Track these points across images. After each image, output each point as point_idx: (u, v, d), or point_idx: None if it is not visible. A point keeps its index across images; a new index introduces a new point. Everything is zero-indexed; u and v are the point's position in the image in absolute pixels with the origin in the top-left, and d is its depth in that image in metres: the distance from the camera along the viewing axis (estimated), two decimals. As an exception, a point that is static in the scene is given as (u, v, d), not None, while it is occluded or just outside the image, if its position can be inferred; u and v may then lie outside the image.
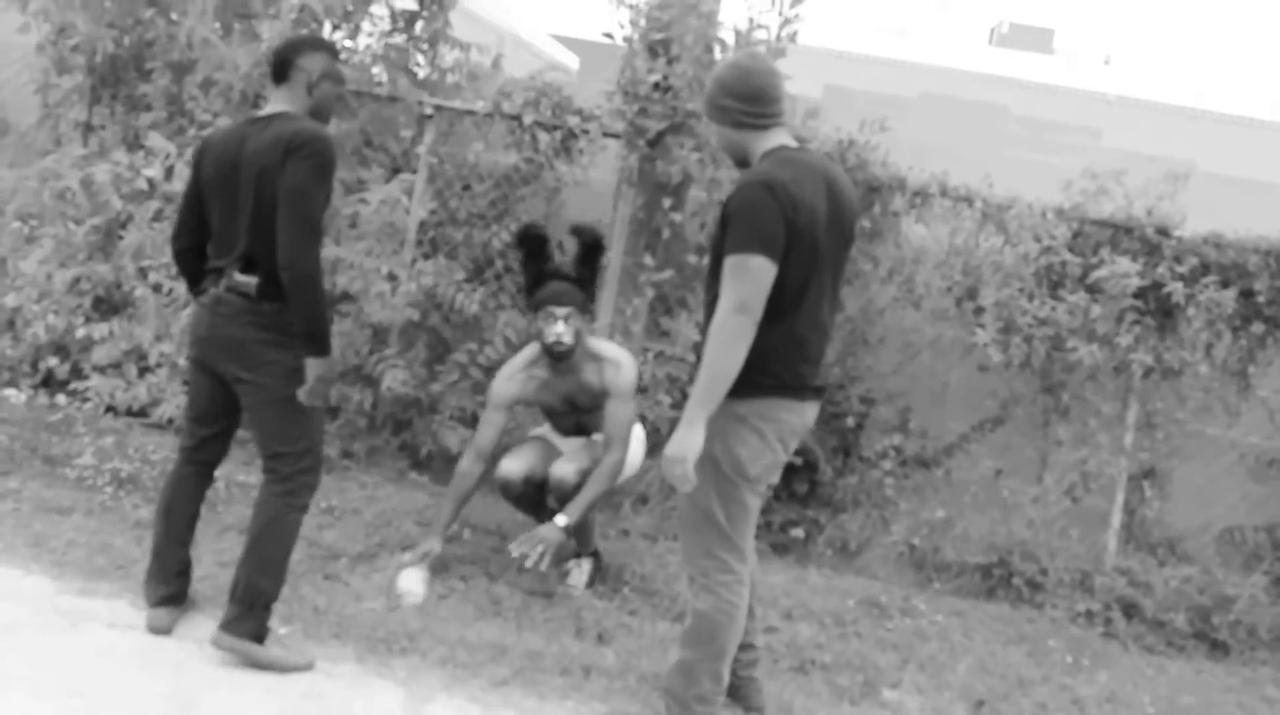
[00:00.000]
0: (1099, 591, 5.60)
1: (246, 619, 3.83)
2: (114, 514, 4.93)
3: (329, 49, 3.96)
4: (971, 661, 4.84)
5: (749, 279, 3.28)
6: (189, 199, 3.99)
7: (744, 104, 3.49)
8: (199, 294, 3.96)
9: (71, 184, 6.31)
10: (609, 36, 6.10)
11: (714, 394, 3.31)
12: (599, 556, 5.05)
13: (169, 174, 6.17)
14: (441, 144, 6.38)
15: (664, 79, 5.89)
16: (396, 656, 4.06)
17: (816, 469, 6.00)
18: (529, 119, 6.19)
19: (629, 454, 4.83)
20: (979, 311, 6.02)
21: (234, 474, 5.39)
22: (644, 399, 5.74)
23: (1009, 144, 13.21)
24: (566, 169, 6.28)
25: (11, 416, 5.70)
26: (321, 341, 3.73)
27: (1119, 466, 6.05)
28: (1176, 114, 20.31)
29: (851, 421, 6.10)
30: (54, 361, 6.05)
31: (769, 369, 3.41)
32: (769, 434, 3.48)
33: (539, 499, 4.91)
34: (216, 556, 4.59)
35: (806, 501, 6.03)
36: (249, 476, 5.41)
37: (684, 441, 3.31)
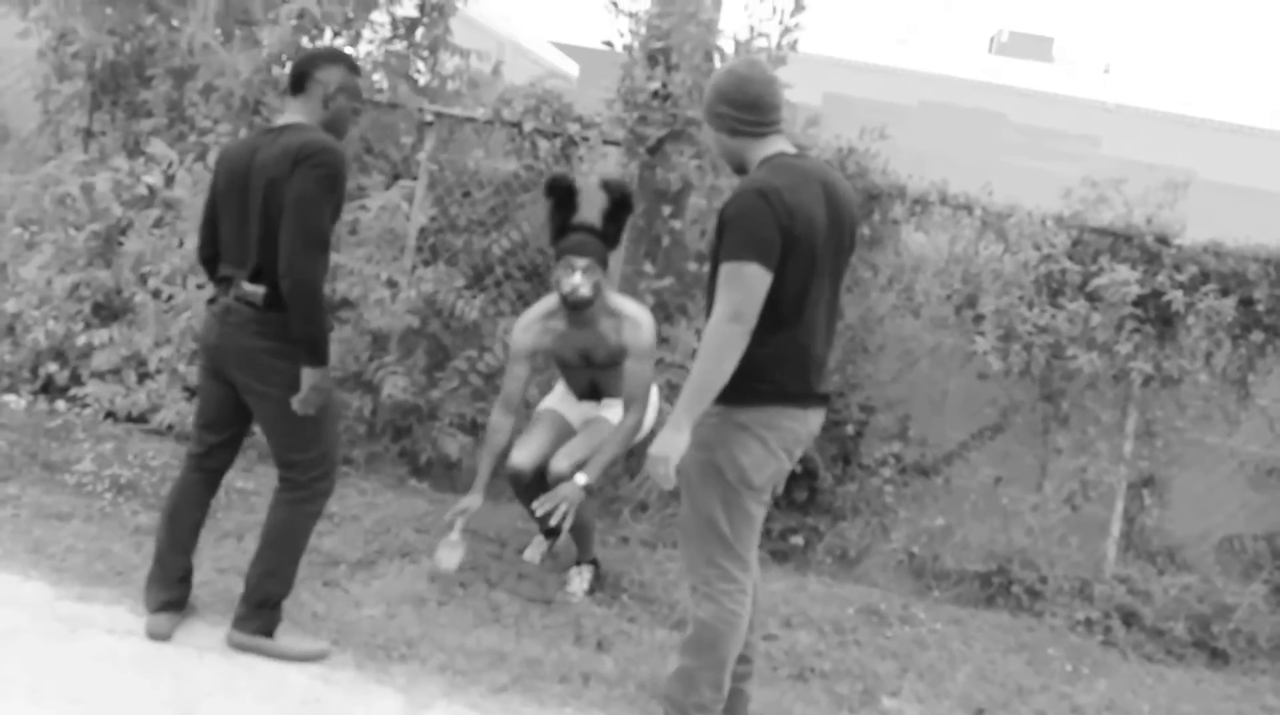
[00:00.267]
0: (1098, 600, 5.59)
1: (256, 617, 3.93)
2: (113, 520, 4.93)
3: (348, 63, 3.95)
4: (971, 670, 4.84)
5: (743, 287, 3.27)
6: (208, 208, 4.02)
7: (740, 111, 3.48)
8: (211, 302, 3.98)
9: (72, 190, 6.32)
10: (609, 44, 6.12)
11: (701, 399, 3.31)
12: (598, 564, 5.05)
13: (169, 181, 6.18)
14: (442, 151, 6.39)
15: (663, 87, 5.91)
16: (396, 663, 4.06)
17: (816, 476, 6.00)
18: (529, 126, 6.20)
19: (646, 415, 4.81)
20: (978, 319, 6.02)
21: (233, 480, 5.39)
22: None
23: (1008, 152, 13.22)
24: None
25: (11, 422, 5.70)
26: (318, 351, 3.74)
27: (1118, 474, 6.05)
28: (1176, 122, 20.32)
29: (851, 429, 6.10)
30: (54, 367, 6.06)
31: (771, 377, 3.41)
32: (772, 442, 3.47)
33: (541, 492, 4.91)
34: (215, 563, 4.59)
35: (806, 509, 6.03)
36: (248, 483, 5.42)
37: (669, 442, 3.32)
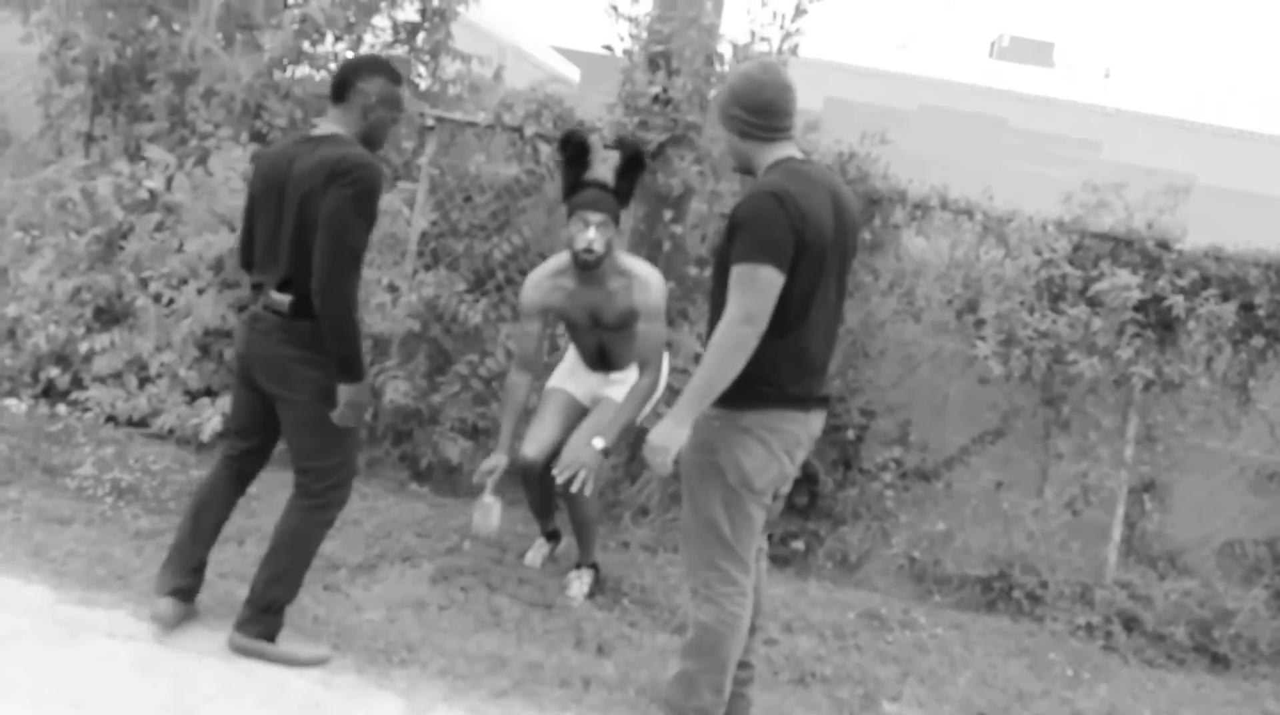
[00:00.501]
0: (1099, 604, 5.59)
1: (259, 621, 3.92)
2: (114, 524, 4.93)
3: (390, 73, 3.93)
4: (972, 674, 4.84)
5: (756, 289, 3.28)
6: (246, 213, 4.03)
7: (752, 115, 3.50)
8: (241, 309, 3.99)
9: (73, 194, 6.32)
10: (609, 49, 6.12)
11: (707, 397, 3.34)
12: (598, 568, 5.05)
13: (169, 185, 6.18)
14: (443, 155, 6.39)
15: (664, 91, 5.91)
16: (396, 667, 4.06)
17: (817, 481, 6.00)
18: (530, 131, 6.20)
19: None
20: (979, 324, 6.02)
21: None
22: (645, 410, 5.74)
23: (1009, 157, 13.24)
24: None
25: (12, 426, 5.69)
26: (354, 367, 3.76)
27: (1119, 479, 6.05)
28: (1176, 127, 20.32)
29: (852, 434, 6.10)
30: (55, 371, 6.05)
31: (773, 380, 3.42)
32: (774, 445, 3.48)
33: (550, 491, 4.95)
34: (216, 567, 4.56)
35: (807, 514, 6.02)
36: (250, 487, 5.39)
37: (669, 433, 3.36)
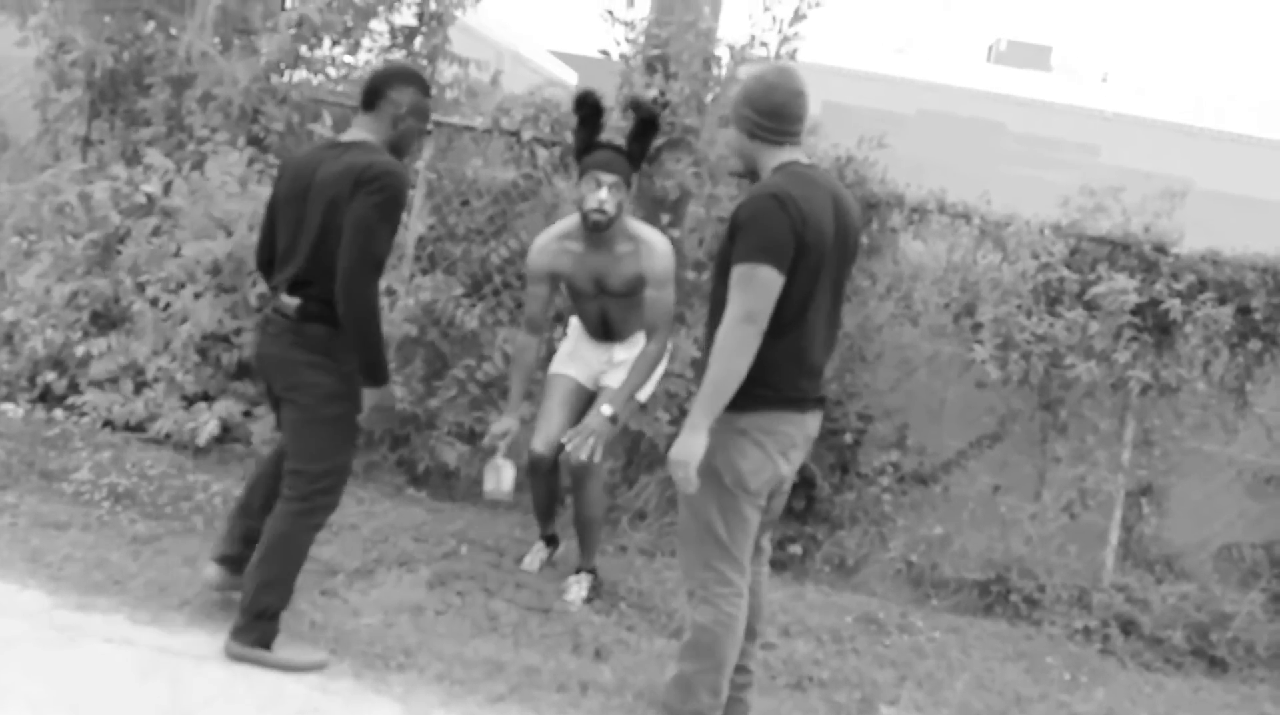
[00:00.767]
0: (1097, 608, 5.60)
1: (253, 628, 3.92)
2: (111, 529, 4.92)
3: (421, 84, 3.97)
4: (969, 678, 4.84)
5: (757, 289, 3.31)
6: (267, 215, 4.07)
7: (761, 117, 3.53)
8: (258, 310, 4.03)
9: (70, 198, 6.31)
10: (605, 53, 6.12)
11: (718, 400, 3.35)
12: (595, 572, 5.04)
13: (167, 189, 6.18)
14: (440, 159, 6.39)
15: (661, 95, 5.90)
16: (394, 672, 4.05)
17: (814, 485, 6.00)
18: (527, 135, 6.20)
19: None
20: (977, 328, 6.02)
21: (231, 489, 5.38)
22: (642, 415, 5.74)
23: (1007, 161, 13.26)
24: (565, 185, 6.28)
25: (8, 431, 5.68)
26: (378, 371, 3.80)
27: (1117, 483, 6.05)
28: (1174, 131, 20.33)
29: (849, 438, 6.10)
30: (51, 376, 6.04)
31: (769, 382, 3.44)
32: (770, 446, 3.50)
33: (557, 487, 5.01)
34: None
35: (804, 518, 6.02)
36: (246, 491, 5.41)
37: (688, 445, 3.35)
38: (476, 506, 5.81)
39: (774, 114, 3.51)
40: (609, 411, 4.50)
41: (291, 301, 3.83)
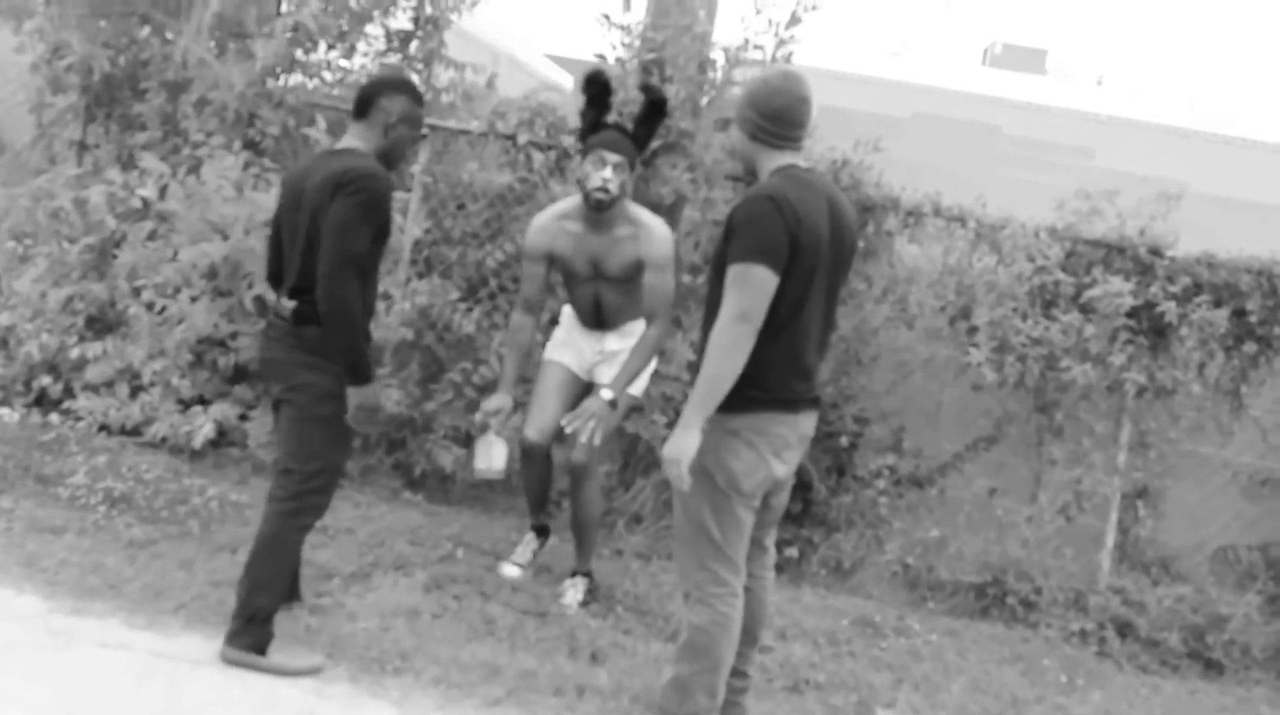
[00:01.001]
0: (1093, 611, 5.60)
1: (245, 632, 3.93)
2: (106, 533, 4.92)
3: (412, 92, 4.04)
4: (966, 681, 4.84)
5: (751, 288, 3.34)
6: (273, 228, 4.14)
7: (764, 120, 3.55)
8: (256, 315, 4.09)
9: (65, 203, 6.32)
10: (601, 58, 6.12)
11: (711, 399, 3.38)
12: (592, 576, 5.04)
13: (163, 193, 6.17)
14: (436, 163, 6.39)
15: (657, 99, 5.90)
16: (390, 676, 4.05)
17: (810, 488, 6.00)
18: (523, 139, 6.21)
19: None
20: (972, 331, 6.02)
21: (227, 493, 5.39)
22: (639, 418, 5.74)
23: (1002, 164, 13.24)
24: (561, 188, 6.26)
25: (4, 435, 5.68)
26: (359, 370, 3.82)
27: (1113, 486, 6.05)
28: (1169, 134, 20.32)
29: (845, 441, 6.10)
30: (47, 380, 6.04)
31: (762, 383, 3.46)
32: (763, 447, 3.52)
33: (550, 476, 5.02)
34: (209, 576, 4.58)
35: (800, 521, 6.02)
36: (242, 496, 5.41)
37: (680, 443, 3.38)
38: (473, 510, 5.82)
39: (776, 118, 3.54)
40: (609, 395, 4.50)
41: (289, 304, 3.90)
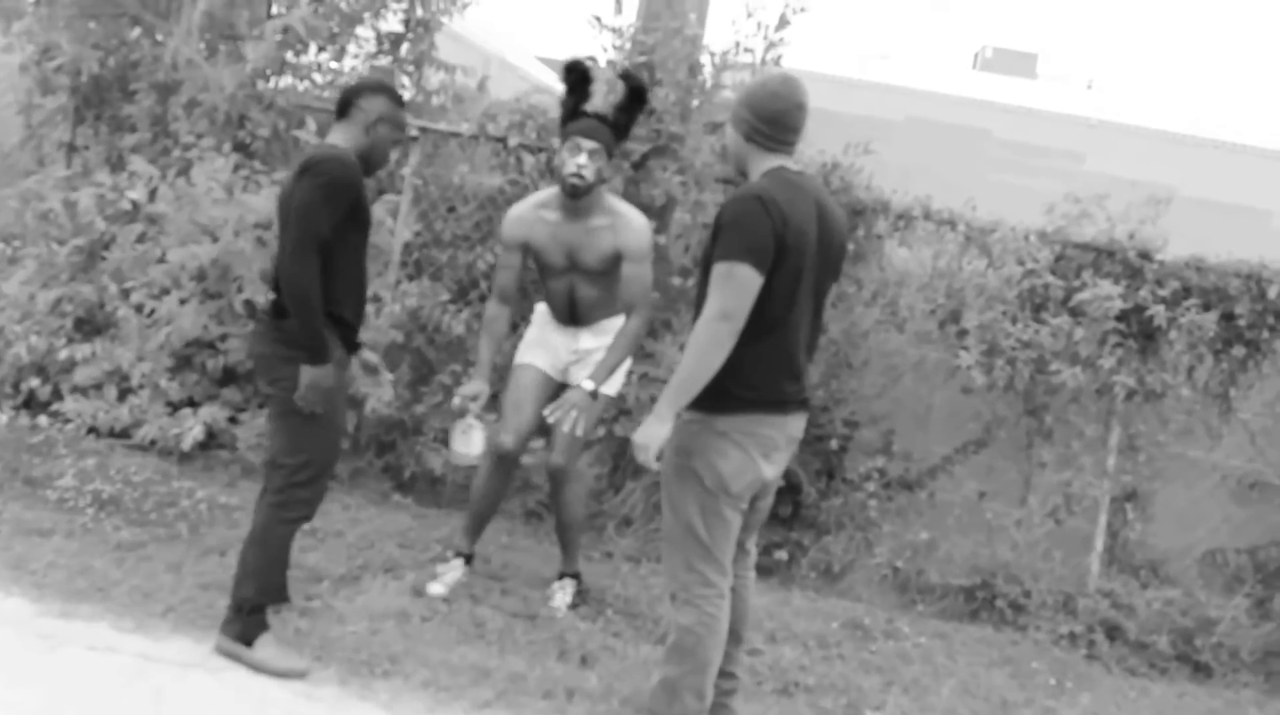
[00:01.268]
0: (1082, 614, 5.60)
1: (234, 621, 3.98)
2: (95, 536, 4.90)
3: (391, 94, 4.11)
4: (955, 684, 4.84)
5: (734, 287, 3.35)
6: (278, 231, 4.18)
7: (759, 122, 3.58)
8: (246, 316, 4.15)
9: (54, 205, 6.30)
10: (592, 60, 6.11)
11: (685, 393, 3.41)
12: (580, 578, 5.04)
13: (152, 195, 6.16)
14: (426, 166, 6.39)
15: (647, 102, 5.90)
16: (379, 679, 4.04)
17: (800, 491, 6.00)
18: (514, 141, 6.21)
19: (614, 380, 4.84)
20: (962, 334, 6.03)
21: (216, 496, 5.38)
22: (627, 421, 5.74)
23: (992, 167, 13.24)
24: (551, 191, 6.28)
25: (-8, 438, 5.67)
26: (315, 349, 3.84)
27: (1102, 489, 6.06)
28: (1159, 138, 20.34)
29: (835, 444, 6.09)
30: (35, 382, 6.01)
31: (751, 384, 3.48)
32: (751, 448, 3.53)
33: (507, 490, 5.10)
34: (198, 578, 4.57)
35: (790, 524, 6.02)
36: (231, 498, 5.40)
37: (651, 431, 3.43)
38: (463, 513, 5.79)
39: (773, 121, 3.57)
40: (590, 386, 4.48)
41: (269, 297, 3.96)
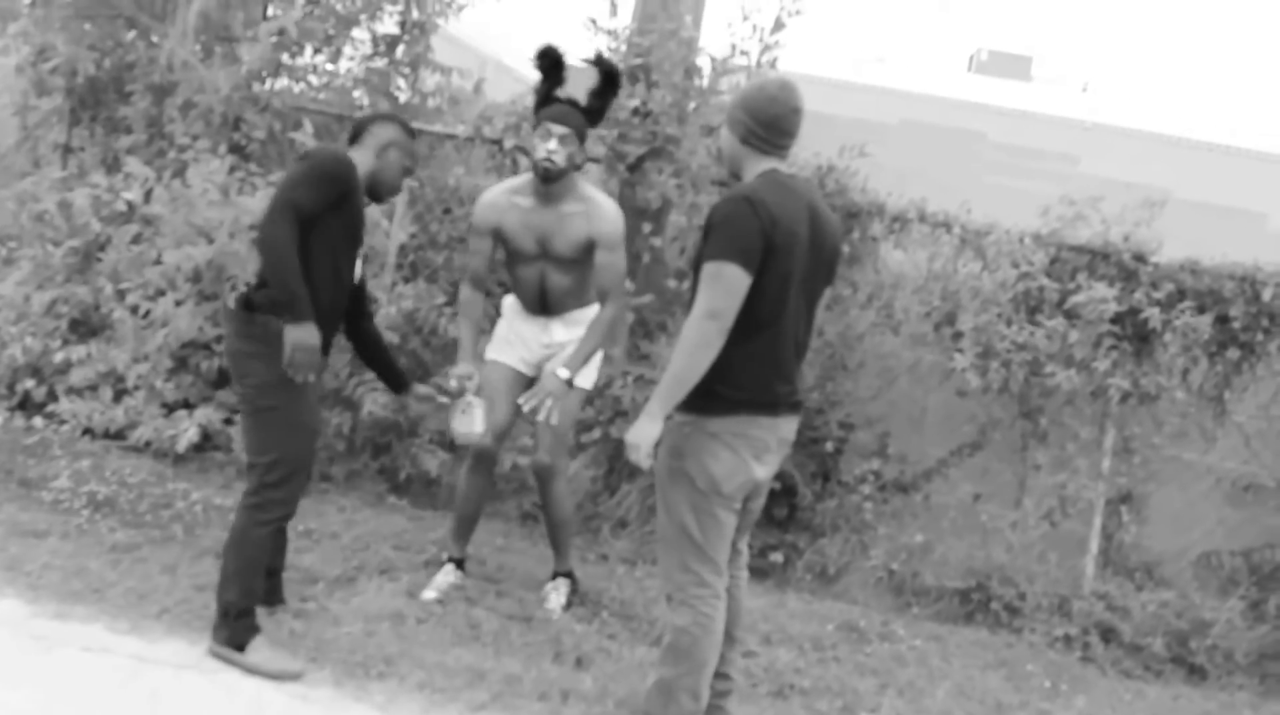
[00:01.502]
0: (1077, 616, 5.61)
1: (222, 626, 3.97)
2: (90, 537, 4.90)
3: (403, 124, 4.24)
4: (950, 686, 4.84)
5: (722, 286, 3.37)
6: None
7: (756, 125, 3.59)
8: None
9: (50, 206, 6.30)
10: (588, 62, 6.11)
11: (675, 392, 3.42)
12: (574, 577, 5.04)
13: (148, 197, 6.16)
14: (422, 168, 6.38)
15: (643, 104, 5.91)
16: (374, 681, 4.04)
17: (795, 494, 6.00)
18: (510, 143, 6.21)
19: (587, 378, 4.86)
20: (957, 336, 6.03)
21: (211, 497, 5.38)
22: (623, 422, 5.74)
23: (987, 170, 13.25)
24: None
25: (-13, 439, 5.67)
26: (295, 307, 3.81)
27: (1097, 491, 6.07)
28: (1154, 141, 20.36)
29: (830, 446, 6.10)
30: (30, 383, 6.01)
31: (742, 385, 3.49)
32: (743, 450, 3.54)
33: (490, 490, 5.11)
34: (193, 580, 4.56)
35: (785, 526, 6.02)
36: (225, 500, 5.39)
37: (642, 430, 3.44)
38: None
39: (769, 125, 3.58)
40: (565, 374, 4.48)
41: (239, 291, 4.03)
